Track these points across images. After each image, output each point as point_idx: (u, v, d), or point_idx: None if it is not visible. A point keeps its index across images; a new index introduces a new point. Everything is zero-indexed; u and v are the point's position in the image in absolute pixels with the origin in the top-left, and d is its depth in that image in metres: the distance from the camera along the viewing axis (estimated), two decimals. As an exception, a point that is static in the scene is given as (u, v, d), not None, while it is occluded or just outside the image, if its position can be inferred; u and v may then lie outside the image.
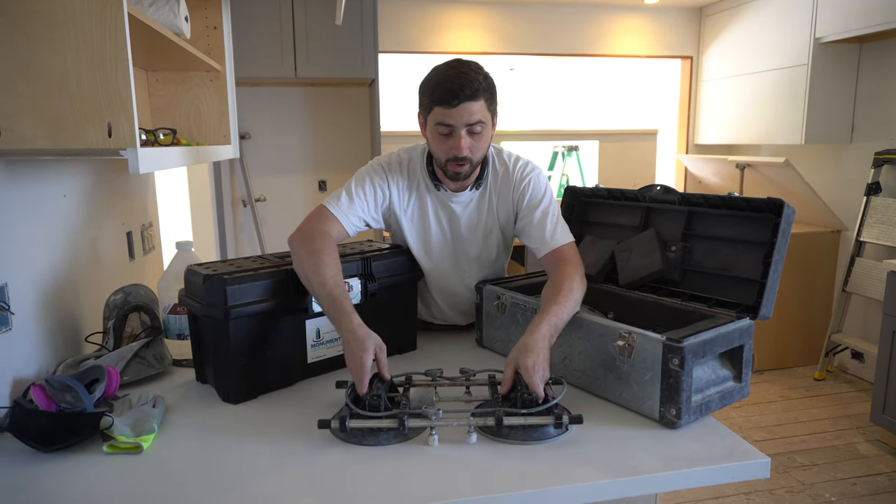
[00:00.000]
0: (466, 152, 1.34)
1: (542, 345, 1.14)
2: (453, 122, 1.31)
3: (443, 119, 1.32)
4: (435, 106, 1.32)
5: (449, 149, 1.35)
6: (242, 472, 0.98)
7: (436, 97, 1.31)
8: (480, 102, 1.31)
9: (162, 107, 2.03)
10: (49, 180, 1.40)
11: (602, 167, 4.73)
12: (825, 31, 3.36)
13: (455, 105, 1.29)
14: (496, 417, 1.06)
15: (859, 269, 3.38)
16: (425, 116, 1.38)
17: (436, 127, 1.34)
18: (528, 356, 1.12)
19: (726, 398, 1.16)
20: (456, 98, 1.28)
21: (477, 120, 1.32)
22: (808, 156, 3.86)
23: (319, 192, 4.02)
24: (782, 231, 1.21)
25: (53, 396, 1.10)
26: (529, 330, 1.18)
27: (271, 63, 3.43)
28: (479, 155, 1.38)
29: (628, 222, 1.57)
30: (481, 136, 1.35)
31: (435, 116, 1.33)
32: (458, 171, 1.38)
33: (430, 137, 1.39)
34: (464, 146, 1.33)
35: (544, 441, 1.06)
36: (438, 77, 1.33)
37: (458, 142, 1.32)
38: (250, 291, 1.22)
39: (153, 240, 2.21)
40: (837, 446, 2.79)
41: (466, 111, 1.30)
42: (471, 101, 1.29)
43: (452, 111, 1.30)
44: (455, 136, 1.33)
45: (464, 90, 1.28)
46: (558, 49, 4.31)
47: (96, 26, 1.01)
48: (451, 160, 1.36)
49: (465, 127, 1.32)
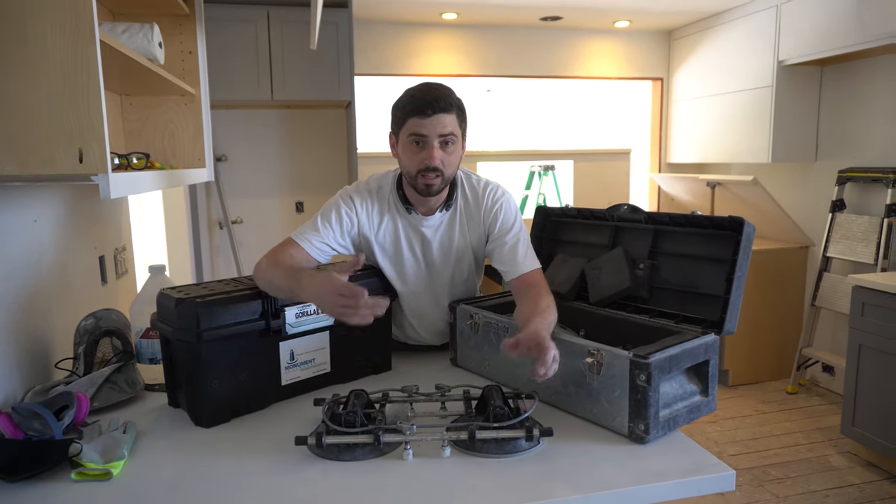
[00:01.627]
0: (438, 163, 1.37)
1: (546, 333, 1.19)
2: (426, 132, 1.35)
3: (416, 129, 1.35)
4: (409, 118, 1.36)
5: (421, 160, 1.37)
6: (216, 495, 0.98)
7: (409, 108, 1.36)
8: (452, 116, 1.36)
9: (136, 130, 2.03)
10: (19, 205, 1.39)
11: (577, 186, 4.81)
12: (788, 53, 3.49)
13: (429, 115, 1.34)
14: (469, 431, 1.08)
15: (827, 284, 3.47)
16: (397, 131, 1.41)
17: (409, 139, 1.38)
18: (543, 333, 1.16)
19: (694, 412, 1.19)
20: (430, 108, 1.34)
21: (449, 132, 1.36)
22: (775, 174, 3.97)
23: (297, 213, 4.02)
24: (743, 248, 1.25)
25: (20, 424, 1.09)
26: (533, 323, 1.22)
27: (248, 86, 3.45)
28: (450, 170, 1.41)
29: (598, 241, 1.60)
30: (453, 151, 1.39)
31: (409, 128, 1.37)
32: (429, 183, 1.39)
33: (402, 152, 1.41)
34: (436, 156, 1.36)
35: (516, 454, 1.08)
36: (412, 92, 1.39)
37: (431, 151, 1.36)
38: (223, 314, 1.23)
39: (126, 263, 2.19)
40: (810, 459, 2.83)
41: (440, 122, 1.34)
42: (444, 112, 1.35)
43: (426, 121, 1.34)
44: (428, 146, 1.36)
45: (438, 102, 1.34)
46: (532, 71, 4.40)
47: (68, 55, 1.02)
48: (422, 171, 1.38)
49: (437, 138, 1.35)
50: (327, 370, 1.41)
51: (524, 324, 1.24)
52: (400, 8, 3.80)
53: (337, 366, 1.42)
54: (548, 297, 1.36)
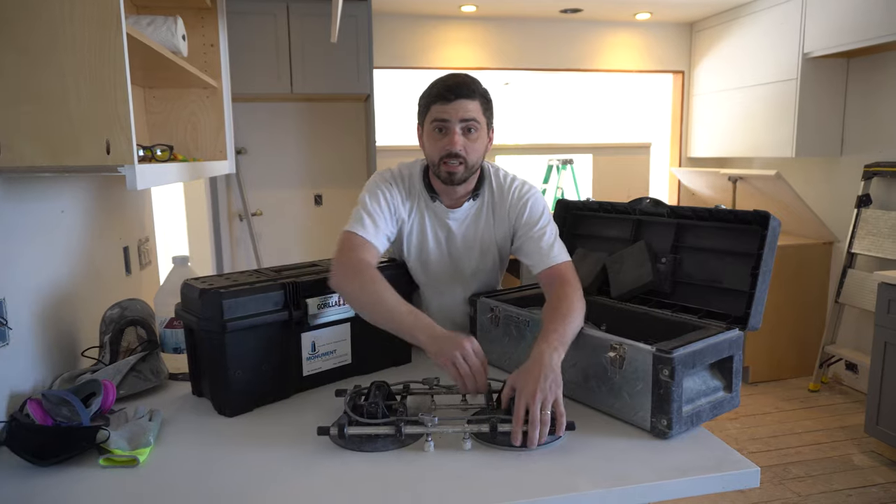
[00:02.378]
0: (460, 148, 1.36)
1: (542, 370, 1.10)
2: (449, 116, 1.35)
3: (439, 115, 1.36)
4: (432, 104, 1.37)
5: (443, 146, 1.37)
6: (239, 483, 0.99)
7: (433, 94, 1.38)
8: (476, 103, 1.36)
9: (159, 123, 2.05)
10: (48, 196, 1.41)
11: (596, 180, 4.77)
12: (813, 46, 3.42)
13: (451, 100, 1.34)
14: (490, 424, 1.08)
15: (851, 281, 3.41)
16: (422, 120, 1.42)
17: (432, 125, 1.38)
18: (523, 383, 1.09)
19: (717, 408, 1.18)
20: (452, 93, 1.34)
21: (472, 117, 1.36)
22: (799, 169, 3.90)
23: (315, 206, 4.04)
24: (769, 243, 1.23)
25: (50, 411, 1.11)
26: (530, 356, 1.16)
27: (268, 79, 3.47)
28: (473, 157, 1.40)
29: (619, 235, 1.59)
30: (476, 138, 1.38)
31: (432, 114, 1.38)
32: (451, 171, 1.39)
33: (427, 140, 1.42)
34: (458, 141, 1.36)
35: (538, 448, 1.07)
36: (437, 80, 1.40)
37: (453, 136, 1.36)
38: (246, 305, 1.24)
39: (150, 255, 2.22)
40: (832, 458, 2.80)
41: (462, 107, 1.35)
42: (467, 98, 1.35)
43: (448, 106, 1.35)
44: (450, 131, 1.36)
45: (461, 88, 1.35)
46: (552, 64, 4.37)
47: (96, 47, 1.03)
48: (444, 157, 1.38)
49: (459, 123, 1.36)
50: (348, 361, 1.42)
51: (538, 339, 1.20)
52: (419, 0, 3.79)
53: (357, 357, 1.43)
54: (570, 298, 1.29)
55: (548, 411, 1.07)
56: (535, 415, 1.05)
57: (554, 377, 1.10)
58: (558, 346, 1.16)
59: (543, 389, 1.07)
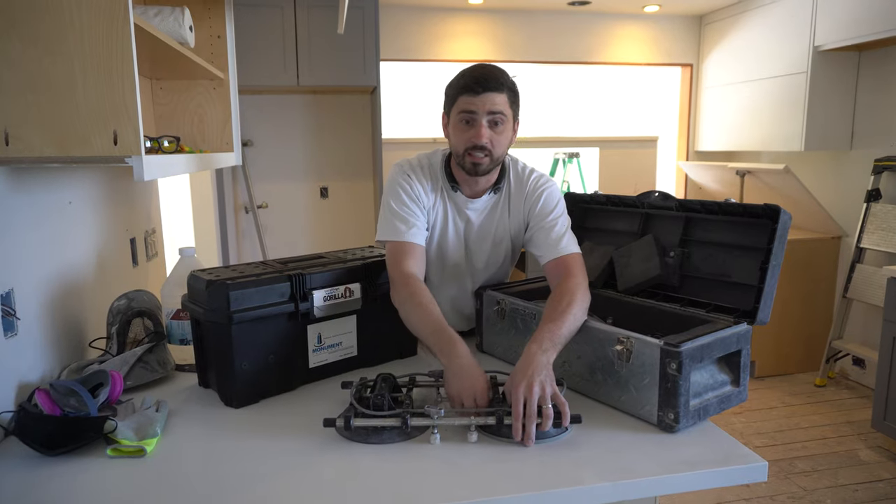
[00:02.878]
0: (486, 141, 1.36)
1: (534, 367, 1.11)
2: (475, 108, 1.34)
3: (466, 106, 1.35)
4: (460, 95, 1.36)
5: (469, 138, 1.37)
6: (245, 474, 0.99)
7: (461, 86, 1.36)
8: (503, 96, 1.35)
9: (166, 114, 2.05)
10: (55, 188, 1.42)
11: (603, 174, 4.75)
12: (824, 39, 3.39)
13: (479, 92, 1.33)
14: (496, 416, 1.08)
15: (860, 276, 3.39)
16: (449, 110, 1.41)
17: (459, 116, 1.37)
18: (517, 378, 1.10)
19: (724, 402, 1.17)
20: (480, 86, 1.33)
21: (499, 110, 1.35)
22: (807, 163, 3.87)
23: (321, 198, 4.04)
24: (779, 237, 1.22)
25: (58, 401, 1.11)
26: (522, 356, 1.16)
27: (274, 71, 3.47)
28: (498, 150, 1.39)
29: (626, 228, 1.58)
30: (502, 131, 1.38)
31: (459, 105, 1.37)
32: (476, 162, 1.38)
33: (452, 130, 1.41)
34: (484, 134, 1.35)
35: (543, 440, 1.08)
36: (465, 71, 1.38)
37: (479, 129, 1.35)
38: (253, 297, 1.24)
39: (156, 246, 2.23)
40: (839, 452, 2.79)
41: (489, 100, 1.34)
42: (495, 91, 1.34)
43: (475, 98, 1.34)
44: (476, 124, 1.35)
45: (488, 81, 1.34)
46: (559, 57, 4.35)
47: (104, 38, 1.03)
48: (469, 149, 1.37)
49: (486, 115, 1.35)
50: (354, 354, 1.42)
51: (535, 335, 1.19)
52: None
53: (363, 349, 1.43)
54: (573, 292, 1.27)
55: (548, 405, 1.07)
56: (532, 409, 1.06)
57: (547, 372, 1.11)
58: (549, 347, 1.16)
59: (539, 385, 1.08)
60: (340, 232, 4.08)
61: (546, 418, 1.06)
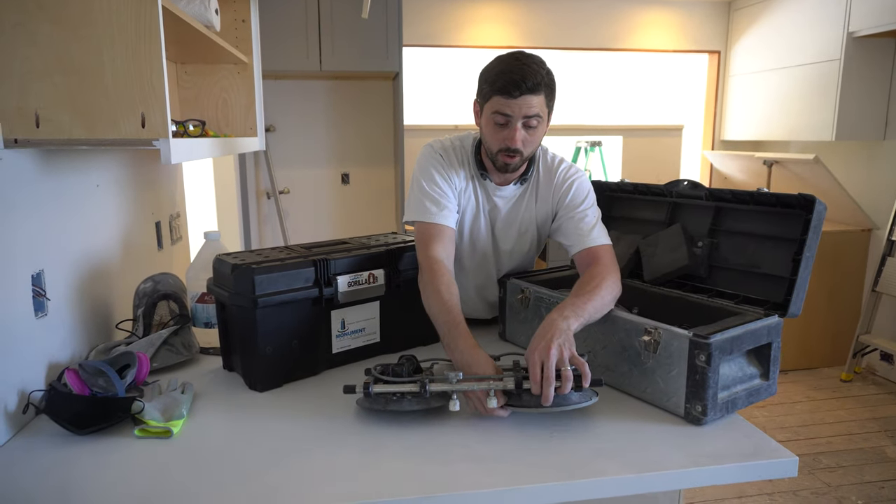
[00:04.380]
0: (520, 145, 1.33)
1: (553, 331, 1.09)
2: (511, 112, 1.29)
3: (501, 108, 1.30)
4: (494, 95, 1.30)
5: (503, 139, 1.33)
6: (269, 456, 1.00)
7: (497, 86, 1.29)
8: (540, 97, 1.30)
9: (190, 98, 2.06)
10: (83, 170, 1.43)
11: (626, 163, 4.69)
12: (859, 24, 3.29)
13: (516, 96, 1.27)
14: (515, 379, 1.07)
15: (890, 270, 3.31)
16: (482, 104, 1.36)
17: (492, 116, 1.33)
18: (535, 342, 1.09)
19: (753, 396, 1.15)
20: (517, 89, 1.27)
21: (535, 113, 1.30)
22: (838, 153, 3.78)
23: (342, 185, 4.05)
24: (813, 227, 1.19)
25: (87, 381, 1.13)
26: (541, 324, 1.15)
27: (297, 56, 3.46)
28: (530, 149, 1.37)
29: (654, 217, 1.56)
30: (536, 131, 1.34)
31: (493, 105, 1.31)
32: (507, 162, 1.36)
33: (485, 126, 1.37)
34: (518, 138, 1.32)
35: (567, 406, 1.06)
36: (502, 66, 1.31)
37: (514, 133, 1.31)
38: (277, 281, 1.24)
39: (181, 230, 2.24)
40: (864, 449, 2.74)
41: (526, 103, 1.28)
42: (531, 94, 1.28)
43: (512, 102, 1.28)
44: (511, 127, 1.31)
45: (526, 82, 1.27)
46: (583, 43, 4.28)
47: (132, 20, 1.03)
48: (502, 151, 1.35)
49: (521, 119, 1.30)
50: (377, 340, 1.42)
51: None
52: (449, -23, 3.73)
53: (386, 336, 1.43)
54: (602, 276, 1.26)
55: (567, 367, 1.05)
56: (550, 370, 1.04)
57: (566, 336, 1.09)
58: (570, 315, 1.14)
59: (557, 347, 1.06)
60: (361, 218, 4.08)
61: (565, 380, 1.04)
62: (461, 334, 1.19)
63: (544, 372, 1.05)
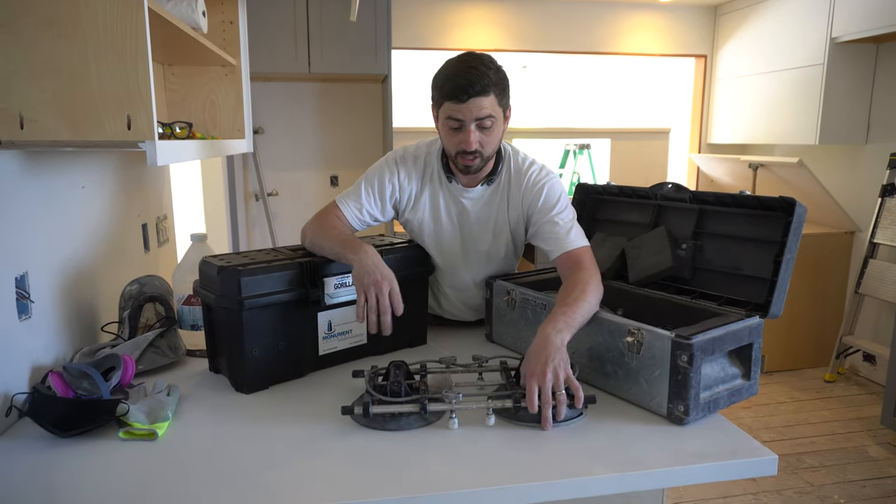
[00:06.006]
0: (475, 146, 1.35)
1: (548, 350, 1.11)
2: (462, 116, 1.32)
3: (452, 114, 1.33)
4: (445, 101, 1.33)
5: (458, 143, 1.36)
6: (255, 459, 1.00)
7: (445, 92, 1.32)
8: (490, 97, 1.31)
9: (177, 100, 2.05)
10: (69, 172, 1.42)
11: (614, 165, 4.72)
12: (842, 30, 3.34)
13: (464, 101, 1.30)
14: (513, 398, 1.09)
15: (873, 271, 3.35)
16: (436, 110, 1.39)
17: (446, 121, 1.35)
18: (531, 364, 1.11)
19: (735, 396, 1.17)
20: (465, 94, 1.29)
21: (486, 115, 1.32)
22: (822, 156, 3.83)
23: (331, 187, 4.04)
24: (794, 230, 1.21)
25: (71, 383, 1.12)
26: (535, 338, 1.16)
27: (285, 58, 3.46)
28: (489, 149, 1.38)
29: (639, 220, 1.57)
30: (491, 131, 1.36)
31: (445, 111, 1.34)
32: (468, 164, 1.39)
33: (442, 131, 1.40)
34: (473, 140, 1.34)
35: (559, 424, 1.09)
36: (449, 71, 1.33)
37: (468, 136, 1.33)
38: (264, 283, 1.24)
39: (167, 232, 2.24)
40: (847, 448, 2.77)
41: (476, 106, 1.30)
42: (480, 96, 1.29)
43: (461, 106, 1.30)
44: (464, 130, 1.33)
45: (473, 86, 1.28)
46: (571, 47, 4.31)
47: (118, 22, 1.03)
48: (460, 153, 1.37)
49: (474, 121, 1.32)
50: (363, 341, 1.43)
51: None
52: (438, -20, 3.74)
53: (373, 338, 1.43)
54: (585, 281, 1.27)
55: (562, 390, 1.08)
56: (547, 394, 1.07)
57: (561, 356, 1.11)
58: (563, 327, 1.16)
59: (553, 370, 1.08)
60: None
61: (560, 404, 1.07)
62: (364, 244, 1.31)
63: (542, 396, 1.07)
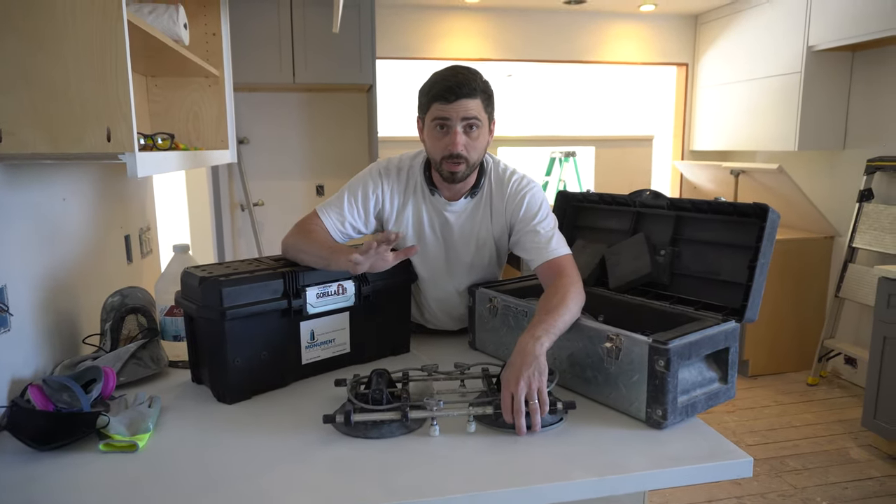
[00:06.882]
0: (462, 149, 1.36)
1: (525, 360, 1.13)
2: (450, 116, 1.35)
3: (440, 114, 1.35)
4: (433, 103, 1.36)
5: (445, 146, 1.37)
6: (238, 469, 1.00)
7: (433, 93, 1.36)
8: (477, 101, 1.36)
9: (161, 112, 2.05)
10: (49, 184, 1.42)
11: (598, 173, 4.77)
12: (818, 39, 3.40)
13: (452, 101, 1.33)
14: (494, 405, 1.11)
15: (852, 275, 3.41)
16: (423, 116, 1.42)
17: (433, 123, 1.38)
18: (507, 374, 1.13)
19: (712, 399, 1.18)
20: (453, 94, 1.33)
21: (473, 116, 1.35)
22: (801, 162, 3.89)
23: (317, 196, 4.04)
24: (767, 235, 1.24)
25: (51, 396, 1.12)
26: (515, 347, 1.18)
27: (270, 68, 3.46)
28: (474, 155, 1.40)
29: (618, 227, 1.59)
30: (477, 136, 1.38)
31: (432, 113, 1.37)
32: (453, 170, 1.39)
33: (428, 137, 1.42)
34: (459, 142, 1.36)
35: (539, 431, 1.10)
36: (437, 77, 1.38)
37: (454, 137, 1.35)
38: (246, 293, 1.24)
39: (151, 243, 2.23)
40: (829, 451, 2.81)
41: (463, 107, 1.34)
42: (468, 98, 1.34)
43: (449, 106, 1.34)
44: (451, 131, 1.36)
45: (461, 87, 1.33)
46: (555, 55, 4.35)
47: (97, 34, 1.03)
48: (446, 158, 1.38)
49: (461, 122, 1.35)
50: (346, 350, 1.43)
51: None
52: (422, -9, 3.77)
53: (356, 346, 1.44)
54: (567, 288, 1.29)
55: (534, 400, 1.10)
56: (520, 404, 1.09)
57: (537, 365, 1.12)
58: (542, 335, 1.17)
59: (527, 379, 1.10)
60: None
61: (533, 413, 1.09)
62: (339, 250, 1.32)
63: (514, 405, 1.09)
